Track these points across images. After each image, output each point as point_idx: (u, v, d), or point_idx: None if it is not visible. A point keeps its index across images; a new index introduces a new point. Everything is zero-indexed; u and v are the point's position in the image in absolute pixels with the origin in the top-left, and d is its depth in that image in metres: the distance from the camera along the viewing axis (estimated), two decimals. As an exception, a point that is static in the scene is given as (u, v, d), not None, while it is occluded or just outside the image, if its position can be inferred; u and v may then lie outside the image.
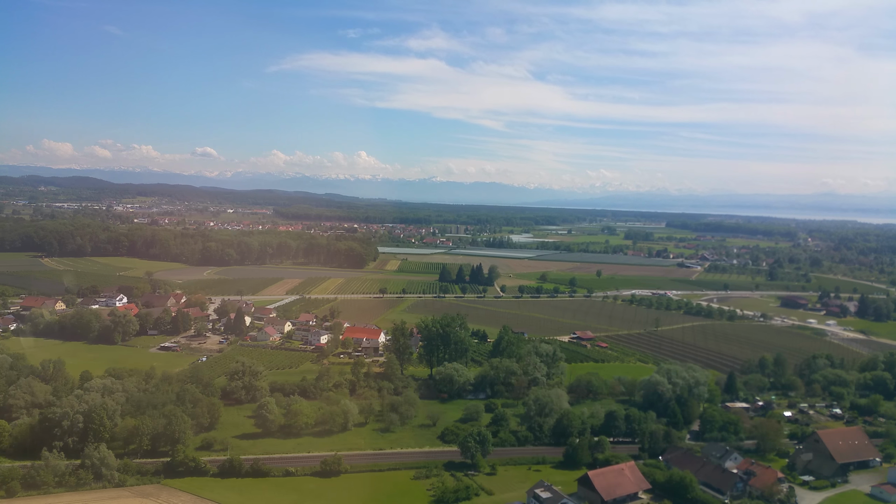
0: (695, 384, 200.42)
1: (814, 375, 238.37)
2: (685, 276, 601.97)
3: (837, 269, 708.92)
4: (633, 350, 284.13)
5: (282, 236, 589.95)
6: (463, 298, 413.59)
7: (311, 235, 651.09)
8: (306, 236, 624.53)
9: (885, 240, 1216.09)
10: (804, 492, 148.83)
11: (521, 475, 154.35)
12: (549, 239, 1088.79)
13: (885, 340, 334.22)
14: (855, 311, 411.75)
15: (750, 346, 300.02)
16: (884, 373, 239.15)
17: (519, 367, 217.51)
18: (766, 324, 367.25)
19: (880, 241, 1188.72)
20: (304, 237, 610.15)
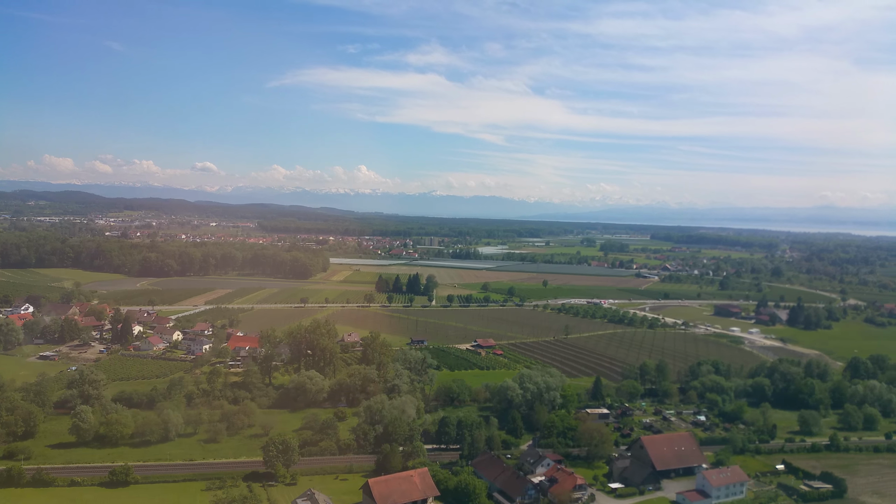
0: (546, 389, 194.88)
1: (692, 382, 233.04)
2: (636, 285, 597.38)
3: (798, 278, 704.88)
4: (527, 357, 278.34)
5: (228, 247, 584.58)
6: (388, 308, 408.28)
7: (260, 246, 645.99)
8: (255, 247, 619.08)
9: (865, 251, 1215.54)
10: (609, 499, 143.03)
11: (324, 484, 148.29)
12: (522, 251, 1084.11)
13: (798, 348, 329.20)
14: (786, 319, 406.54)
15: (654, 353, 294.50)
16: (763, 379, 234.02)
17: (379, 374, 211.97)
18: (685, 332, 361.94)
19: (861, 252, 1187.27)
20: (250, 248, 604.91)
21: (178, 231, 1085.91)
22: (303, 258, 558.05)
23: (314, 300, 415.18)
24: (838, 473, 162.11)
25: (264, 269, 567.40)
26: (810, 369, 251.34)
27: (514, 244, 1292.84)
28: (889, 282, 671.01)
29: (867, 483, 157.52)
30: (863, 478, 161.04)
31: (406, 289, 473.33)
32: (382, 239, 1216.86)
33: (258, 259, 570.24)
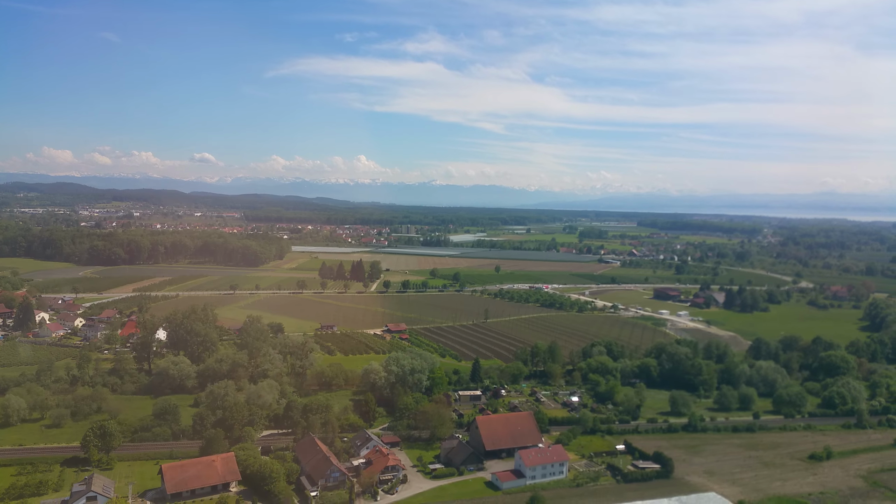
0: (410, 372, 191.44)
1: (580, 363, 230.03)
2: (593, 270, 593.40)
3: (762, 262, 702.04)
4: (431, 341, 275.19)
5: (178, 236, 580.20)
6: (320, 294, 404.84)
7: (215, 234, 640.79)
8: (206, 235, 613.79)
9: (847, 235, 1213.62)
10: (425, 480, 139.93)
11: (139, 469, 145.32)
12: (499, 238, 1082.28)
13: (718, 330, 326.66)
14: (722, 302, 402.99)
15: (566, 335, 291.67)
16: (650, 360, 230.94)
17: (250, 360, 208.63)
18: (613, 315, 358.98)
19: (844, 236, 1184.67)
20: (201, 236, 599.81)
21: (159, 221, 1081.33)
22: (254, 246, 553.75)
23: (248, 287, 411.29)
24: (681, 454, 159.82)
25: (215, 256, 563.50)
26: (709, 350, 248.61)
27: (493, 232, 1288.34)
28: (852, 265, 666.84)
29: (704, 462, 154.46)
30: (703, 457, 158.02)
31: (349, 275, 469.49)
32: (363, 228, 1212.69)
33: (209, 247, 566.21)
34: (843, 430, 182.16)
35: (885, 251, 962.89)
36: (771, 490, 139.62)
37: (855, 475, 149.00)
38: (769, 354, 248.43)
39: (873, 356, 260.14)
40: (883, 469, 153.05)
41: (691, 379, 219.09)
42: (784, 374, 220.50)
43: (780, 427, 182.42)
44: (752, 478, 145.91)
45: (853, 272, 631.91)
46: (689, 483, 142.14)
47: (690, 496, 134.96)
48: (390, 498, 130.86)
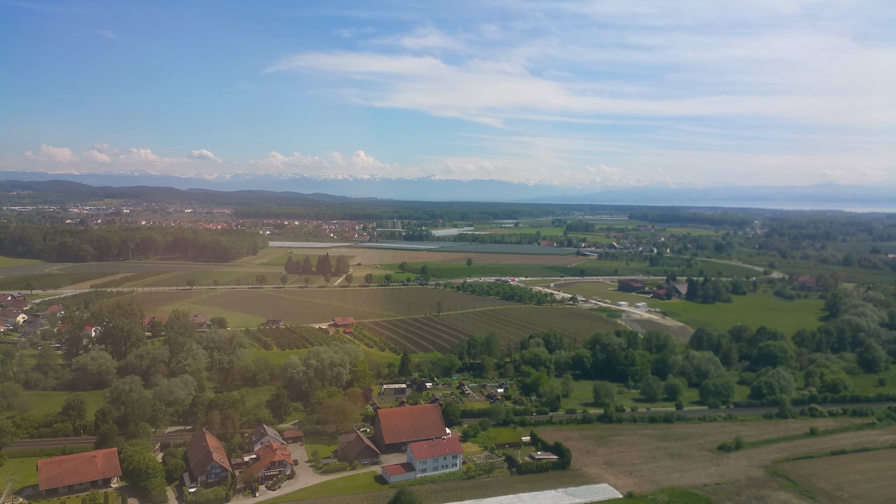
0: (329, 366, 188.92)
1: (514, 355, 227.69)
2: (567, 262, 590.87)
3: (740, 254, 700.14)
4: (375, 335, 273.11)
5: (149, 231, 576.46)
6: (280, 289, 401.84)
7: (183, 229, 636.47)
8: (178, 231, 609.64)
9: (836, 226, 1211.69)
10: (315, 475, 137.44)
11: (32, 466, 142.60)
12: (485, 232, 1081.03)
13: (671, 321, 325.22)
14: (685, 293, 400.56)
15: (516, 327, 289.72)
16: (584, 351, 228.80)
17: (172, 355, 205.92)
18: (570, 307, 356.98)
19: (834, 227, 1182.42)
20: (173, 232, 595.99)
21: (148, 217, 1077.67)
22: (224, 241, 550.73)
23: (208, 283, 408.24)
24: (588, 444, 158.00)
25: (186, 252, 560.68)
26: (649, 341, 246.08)
27: (481, 226, 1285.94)
28: (830, 256, 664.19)
29: (608, 454, 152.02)
30: (609, 448, 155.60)
31: (315, 270, 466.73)
32: (349, 223, 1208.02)
33: (179, 243, 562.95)
34: (763, 420, 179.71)
35: (871, 242, 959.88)
36: (666, 481, 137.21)
37: (759, 465, 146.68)
38: (710, 345, 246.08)
39: (818, 346, 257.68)
40: (788, 458, 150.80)
41: (624, 369, 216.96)
42: (717, 365, 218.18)
43: (700, 418, 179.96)
44: (652, 469, 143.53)
45: (831, 263, 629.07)
46: (584, 474, 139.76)
47: (580, 487, 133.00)
48: (270, 494, 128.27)
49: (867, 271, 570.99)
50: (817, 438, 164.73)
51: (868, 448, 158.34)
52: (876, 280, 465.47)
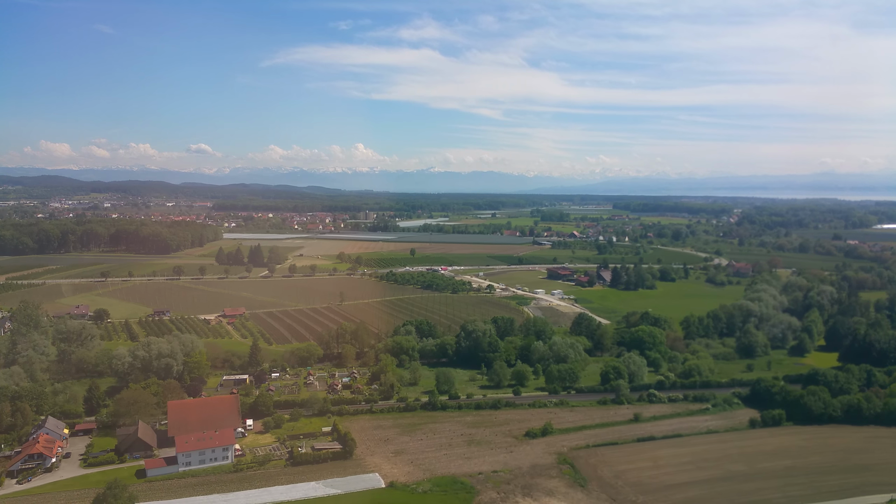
0: (157, 357, 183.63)
1: (378, 344, 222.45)
2: (516, 252, 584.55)
3: (696, 241, 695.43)
4: (262, 326, 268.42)
5: (91, 224, 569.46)
6: (199, 280, 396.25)
7: (125, 221, 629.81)
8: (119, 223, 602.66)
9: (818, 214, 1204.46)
10: (77, 469, 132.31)
11: None
12: (457, 222, 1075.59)
13: (578, 308, 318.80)
14: (609, 280, 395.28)
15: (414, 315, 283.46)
16: (449, 339, 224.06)
17: (12, 346, 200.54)
18: (484, 295, 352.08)
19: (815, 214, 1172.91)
20: (114, 224, 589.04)
21: (125, 211, 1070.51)
22: (164, 233, 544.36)
23: (123, 274, 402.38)
24: (391, 433, 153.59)
25: (128, 244, 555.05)
26: (527, 328, 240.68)
27: (457, 216, 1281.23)
28: (786, 242, 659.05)
29: (406, 441, 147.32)
30: (411, 436, 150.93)
31: (247, 261, 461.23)
32: (323, 214, 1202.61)
33: (121, 235, 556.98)
34: (597, 406, 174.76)
35: (844, 229, 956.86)
36: (444, 469, 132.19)
37: (554, 452, 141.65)
38: (588, 330, 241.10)
39: (706, 331, 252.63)
40: (589, 445, 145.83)
41: (486, 356, 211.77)
42: (578, 350, 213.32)
43: (530, 404, 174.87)
44: (439, 457, 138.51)
45: (786, 249, 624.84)
46: (362, 464, 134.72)
47: (346, 478, 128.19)
48: (16, 487, 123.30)
49: (820, 257, 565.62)
50: (637, 425, 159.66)
51: (681, 434, 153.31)
52: (821, 265, 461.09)
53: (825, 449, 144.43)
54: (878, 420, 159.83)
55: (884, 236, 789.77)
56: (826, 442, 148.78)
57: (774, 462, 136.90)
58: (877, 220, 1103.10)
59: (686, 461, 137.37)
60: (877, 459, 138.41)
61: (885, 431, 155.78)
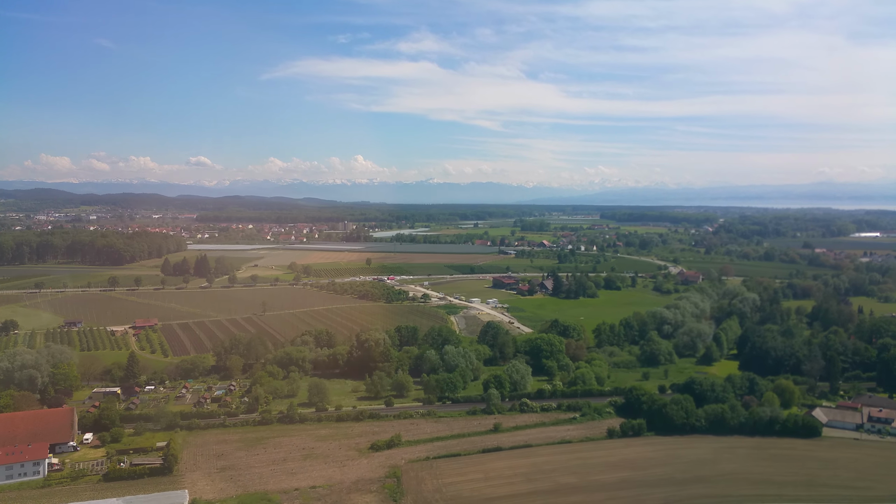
0: (20, 367, 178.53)
1: (269, 355, 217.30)
2: (476, 261, 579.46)
3: (663, 251, 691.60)
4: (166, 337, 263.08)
5: (47, 236, 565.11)
6: (134, 291, 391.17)
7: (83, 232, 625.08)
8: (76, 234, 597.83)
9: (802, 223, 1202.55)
10: None
11: None
12: (434, 232, 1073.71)
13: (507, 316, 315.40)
14: (551, 289, 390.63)
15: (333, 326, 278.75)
16: (341, 348, 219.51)
17: None
18: (419, 304, 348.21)
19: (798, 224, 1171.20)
20: (71, 235, 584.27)
21: (107, 223, 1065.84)
22: (119, 244, 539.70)
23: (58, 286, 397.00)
24: (231, 448, 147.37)
25: (84, 256, 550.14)
26: (432, 337, 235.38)
27: (439, 227, 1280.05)
28: (752, 251, 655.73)
29: (242, 457, 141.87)
30: (250, 450, 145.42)
31: (193, 272, 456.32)
32: (308, 225, 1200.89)
33: (76, 247, 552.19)
34: (465, 417, 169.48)
35: (819, 237, 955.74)
36: (262, 486, 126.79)
37: (388, 465, 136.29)
38: (492, 339, 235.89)
39: (616, 339, 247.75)
40: (429, 457, 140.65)
41: (378, 366, 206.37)
42: (470, 359, 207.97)
43: (396, 415, 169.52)
44: (264, 473, 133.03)
45: (752, 257, 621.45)
46: (179, 480, 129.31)
47: (151, 494, 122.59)
48: None
49: (783, 265, 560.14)
50: (492, 435, 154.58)
51: (531, 445, 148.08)
52: (777, 273, 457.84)
53: (672, 460, 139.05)
54: (742, 430, 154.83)
55: (855, 244, 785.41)
56: (677, 453, 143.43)
57: (610, 474, 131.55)
58: (855, 229, 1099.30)
59: (520, 473, 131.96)
60: (719, 471, 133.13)
61: (745, 441, 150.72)
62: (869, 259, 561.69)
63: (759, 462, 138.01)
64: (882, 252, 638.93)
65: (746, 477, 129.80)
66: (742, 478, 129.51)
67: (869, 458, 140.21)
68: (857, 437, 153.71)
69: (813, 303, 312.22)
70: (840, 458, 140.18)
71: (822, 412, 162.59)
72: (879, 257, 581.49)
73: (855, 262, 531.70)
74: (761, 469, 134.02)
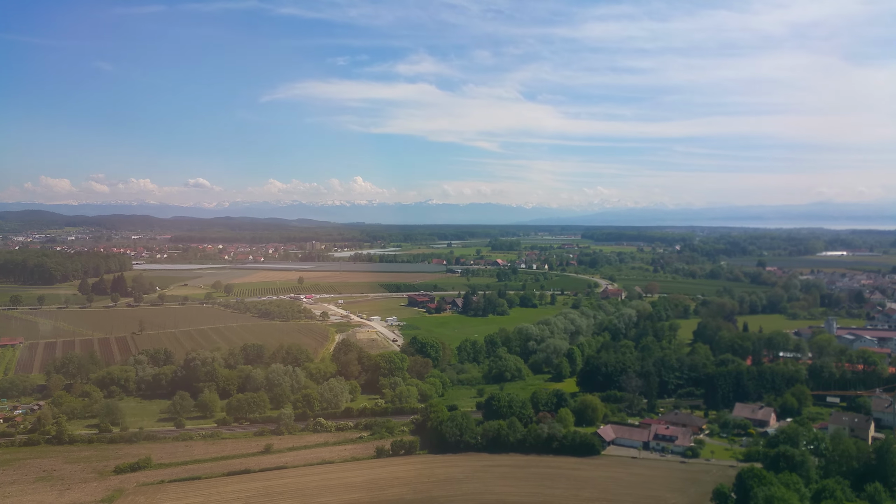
0: None
1: (92, 375, 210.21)
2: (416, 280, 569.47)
3: (612, 269, 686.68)
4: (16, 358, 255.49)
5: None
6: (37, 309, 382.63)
7: (12, 252, 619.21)
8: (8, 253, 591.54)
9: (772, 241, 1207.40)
10: None
11: None
12: (401, 252, 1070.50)
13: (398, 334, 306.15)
14: (461, 307, 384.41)
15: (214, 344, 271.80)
16: (168, 367, 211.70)
17: None
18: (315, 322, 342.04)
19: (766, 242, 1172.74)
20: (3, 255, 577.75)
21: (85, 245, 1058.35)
22: (49, 264, 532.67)
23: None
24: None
25: (16, 275, 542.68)
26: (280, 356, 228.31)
27: (412, 246, 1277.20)
28: (698, 269, 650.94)
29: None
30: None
31: (110, 290, 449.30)
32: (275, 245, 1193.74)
33: (7, 266, 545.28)
34: (252, 437, 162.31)
35: (785, 255, 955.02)
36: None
37: (112, 489, 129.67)
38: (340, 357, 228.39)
39: (476, 355, 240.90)
40: (164, 481, 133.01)
41: (206, 386, 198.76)
42: (296, 378, 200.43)
43: (175, 437, 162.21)
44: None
45: (697, 276, 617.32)
46: None
47: None
48: None
49: (728, 283, 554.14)
50: (261, 457, 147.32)
51: (286, 466, 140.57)
52: (707, 291, 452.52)
53: (418, 480, 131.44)
54: (521, 447, 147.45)
55: (816, 262, 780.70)
56: (431, 472, 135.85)
57: (340, 496, 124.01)
58: (824, 247, 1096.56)
59: (242, 497, 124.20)
60: (457, 491, 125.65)
61: (516, 459, 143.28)
62: (812, 277, 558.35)
63: (511, 481, 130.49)
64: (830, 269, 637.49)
65: (480, 498, 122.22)
66: (475, 498, 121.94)
67: (627, 478, 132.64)
68: (635, 455, 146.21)
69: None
70: (597, 478, 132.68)
71: (610, 429, 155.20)
72: (825, 275, 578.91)
73: (794, 279, 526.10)
74: (504, 489, 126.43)
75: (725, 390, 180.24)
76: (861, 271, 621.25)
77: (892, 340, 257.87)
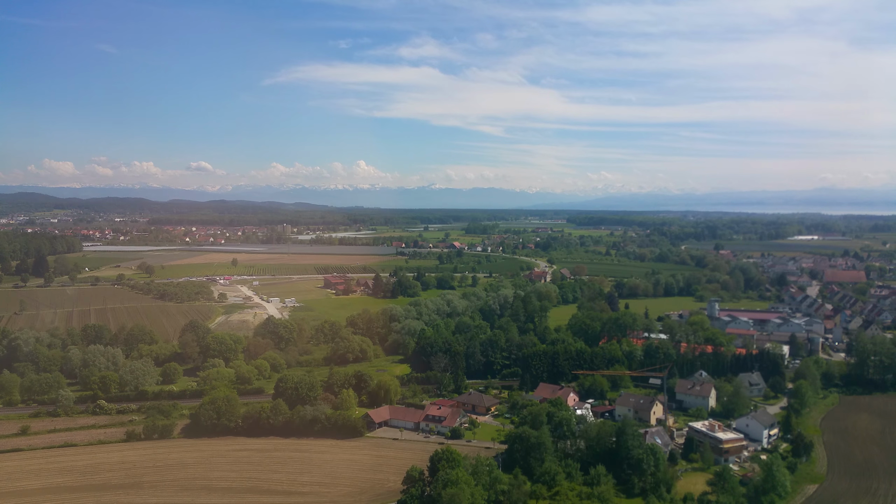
0: None
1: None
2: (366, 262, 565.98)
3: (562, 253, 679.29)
4: None
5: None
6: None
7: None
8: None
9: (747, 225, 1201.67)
10: None
11: None
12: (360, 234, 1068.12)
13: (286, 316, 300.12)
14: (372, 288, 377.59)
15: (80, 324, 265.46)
16: None
17: None
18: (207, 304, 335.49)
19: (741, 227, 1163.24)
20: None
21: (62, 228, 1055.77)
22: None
23: None
24: None
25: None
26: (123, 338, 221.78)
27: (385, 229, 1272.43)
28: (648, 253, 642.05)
29: None
30: None
31: (31, 271, 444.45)
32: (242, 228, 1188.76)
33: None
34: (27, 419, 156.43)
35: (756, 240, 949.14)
36: None
37: None
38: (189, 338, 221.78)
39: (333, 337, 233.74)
40: None
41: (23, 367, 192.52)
42: (111, 359, 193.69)
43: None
44: None
45: (646, 259, 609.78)
46: None
47: None
48: None
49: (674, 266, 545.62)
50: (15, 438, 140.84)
51: (21, 449, 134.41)
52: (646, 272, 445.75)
53: (146, 464, 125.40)
54: (285, 430, 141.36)
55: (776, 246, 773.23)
56: (163, 456, 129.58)
57: (48, 480, 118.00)
58: (797, 232, 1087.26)
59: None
60: (169, 476, 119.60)
61: (271, 443, 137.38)
62: (757, 260, 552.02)
63: (239, 466, 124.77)
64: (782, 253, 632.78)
65: (189, 483, 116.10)
66: (183, 484, 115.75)
67: (368, 461, 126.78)
68: (397, 436, 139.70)
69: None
70: (335, 461, 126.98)
71: (386, 411, 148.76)
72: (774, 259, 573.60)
73: (738, 263, 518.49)
74: (224, 475, 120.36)
75: (539, 370, 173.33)
76: (814, 255, 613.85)
77: (770, 322, 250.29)
